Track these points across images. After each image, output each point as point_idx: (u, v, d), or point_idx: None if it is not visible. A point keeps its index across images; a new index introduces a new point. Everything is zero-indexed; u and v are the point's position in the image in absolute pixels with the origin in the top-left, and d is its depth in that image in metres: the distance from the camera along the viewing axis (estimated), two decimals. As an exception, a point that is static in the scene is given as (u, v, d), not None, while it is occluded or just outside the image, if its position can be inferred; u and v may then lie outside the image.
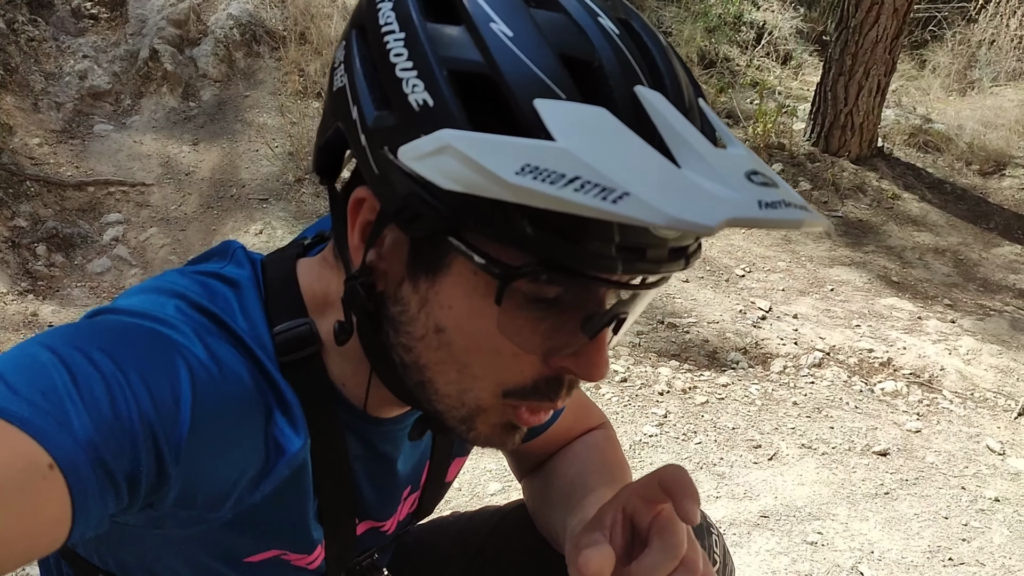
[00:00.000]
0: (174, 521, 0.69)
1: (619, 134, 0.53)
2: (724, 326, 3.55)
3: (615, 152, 0.51)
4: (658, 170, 0.51)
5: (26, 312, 3.31)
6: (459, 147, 0.53)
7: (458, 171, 0.53)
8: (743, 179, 0.52)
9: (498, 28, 0.57)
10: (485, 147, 0.53)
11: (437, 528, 1.20)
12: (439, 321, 0.64)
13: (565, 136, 0.52)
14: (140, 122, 4.62)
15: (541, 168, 0.50)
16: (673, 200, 0.49)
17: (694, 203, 0.49)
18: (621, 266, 0.57)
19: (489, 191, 0.52)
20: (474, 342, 0.63)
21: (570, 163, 0.50)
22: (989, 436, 3.01)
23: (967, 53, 6.68)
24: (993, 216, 5.15)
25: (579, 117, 0.53)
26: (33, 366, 0.58)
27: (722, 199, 0.50)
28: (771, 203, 0.51)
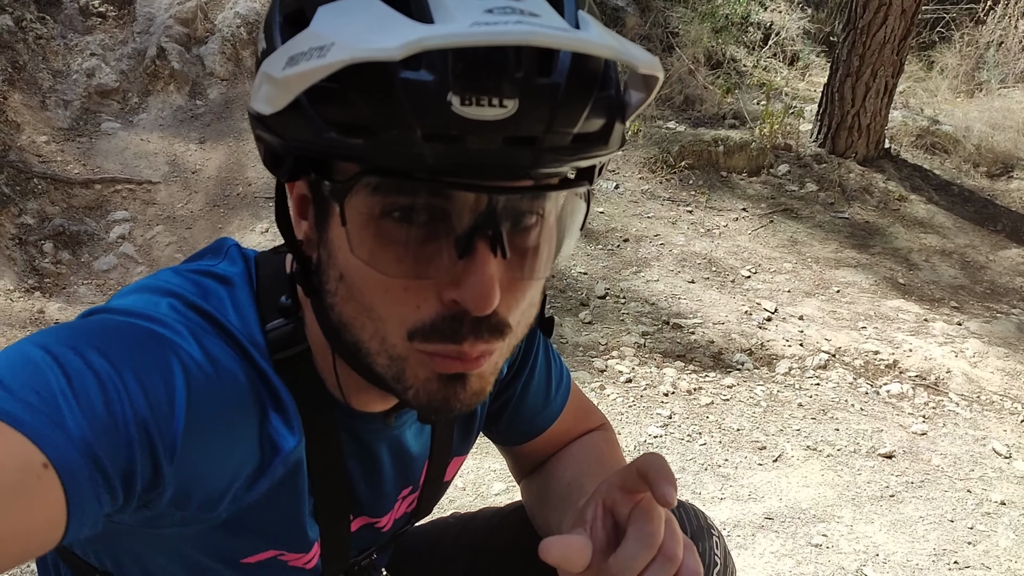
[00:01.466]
0: (170, 521, 0.69)
1: (368, 8, 0.52)
2: (729, 327, 3.55)
3: (351, 20, 0.52)
4: (379, 21, 0.51)
5: (32, 309, 3.32)
6: (265, 70, 0.57)
7: (268, 93, 0.57)
8: (476, 11, 0.50)
9: None
10: (270, 62, 0.56)
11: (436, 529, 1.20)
12: (340, 268, 0.64)
13: (322, 22, 0.53)
14: (147, 120, 4.63)
15: (296, 54, 0.53)
16: (369, 37, 0.49)
17: (387, 36, 0.48)
18: (430, 155, 0.54)
19: (278, 97, 0.55)
20: (363, 278, 0.62)
21: (311, 39, 0.52)
22: (995, 439, 3.00)
23: (975, 54, 6.65)
24: (1000, 218, 5.13)
25: (343, 7, 0.54)
26: (27, 366, 0.58)
27: (424, 29, 0.49)
28: (488, 24, 0.48)
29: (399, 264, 0.60)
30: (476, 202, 0.59)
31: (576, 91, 0.55)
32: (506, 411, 1.01)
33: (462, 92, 0.51)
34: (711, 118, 5.65)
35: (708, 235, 4.44)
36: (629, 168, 4.96)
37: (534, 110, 0.53)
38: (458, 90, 0.51)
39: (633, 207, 4.60)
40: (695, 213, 4.65)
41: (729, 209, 4.75)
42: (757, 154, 5.16)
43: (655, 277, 3.92)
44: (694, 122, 5.55)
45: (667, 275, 3.96)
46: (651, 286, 3.83)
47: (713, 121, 5.61)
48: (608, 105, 0.58)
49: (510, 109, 0.53)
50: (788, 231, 4.61)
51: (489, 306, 0.60)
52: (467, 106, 0.52)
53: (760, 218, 4.69)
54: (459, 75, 0.51)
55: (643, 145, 5.07)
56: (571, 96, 0.54)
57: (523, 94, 0.52)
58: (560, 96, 0.54)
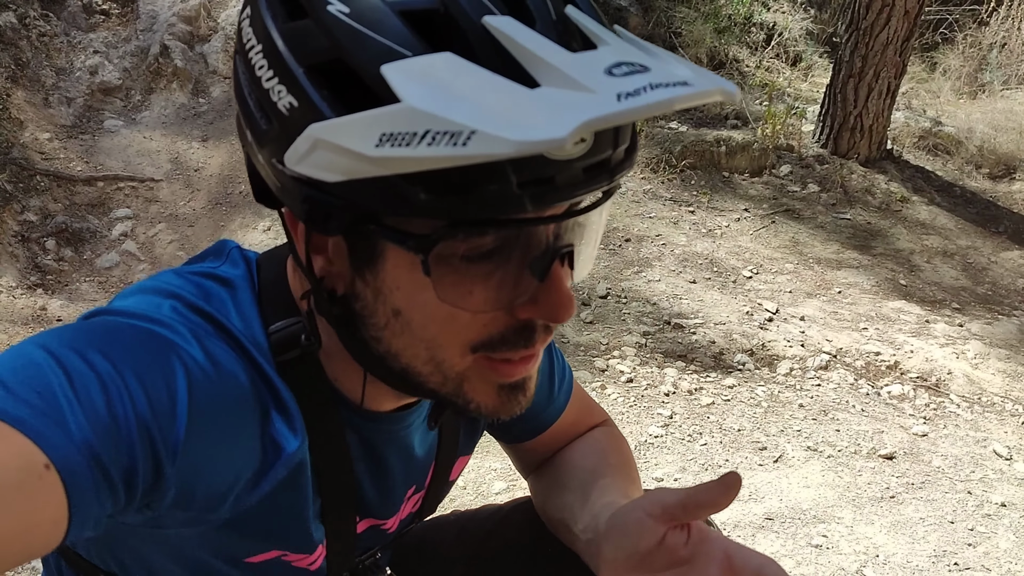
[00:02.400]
0: (172, 522, 0.69)
1: (464, 73, 0.52)
2: (731, 328, 3.55)
3: (460, 93, 0.50)
4: (507, 98, 0.50)
5: (35, 306, 3.32)
6: (325, 137, 0.54)
7: (332, 161, 0.54)
8: (602, 75, 0.50)
9: (335, 8, 0.57)
10: (345, 129, 0.53)
11: (438, 527, 1.20)
12: (394, 305, 0.64)
13: (410, 93, 0.51)
14: (150, 118, 4.64)
15: (395, 133, 0.50)
16: (520, 123, 0.47)
17: (542, 119, 0.47)
18: (529, 202, 0.55)
19: (362, 171, 0.53)
20: (429, 314, 0.63)
21: (417, 119, 0.49)
22: (996, 441, 3.00)
23: (978, 56, 6.64)
24: (1003, 220, 5.13)
25: (424, 69, 0.52)
26: (29, 367, 0.58)
27: (574, 105, 0.48)
28: (632, 92, 0.48)
29: (484, 300, 0.62)
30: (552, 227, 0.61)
31: None
32: None
33: None
34: (713, 118, 5.65)
35: (710, 235, 4.44)
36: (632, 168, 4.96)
37: (603, 136, 0.56)
38: None
39: (635, 207, 4.60)
40: (697, 213, 4.65)
41: (731, 209, 4.75)
42: (759, 155, 5.16)
43: (656, 277, 3.92)
44: (696, 122, 5.55)
45: (668, 275, 3.96)
46: (652, 286, 3.83)
47: (715, 121, 5.61)
48: None
49: (589, 142, 0.55)
50: (790, 232, 4.61)
51: (570, 316, 0.63)
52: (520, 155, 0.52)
53: (762, 219, 4.69)
54: None
55: (645, 145, 5.07)
56: None
57: None
58: None
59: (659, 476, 2.60)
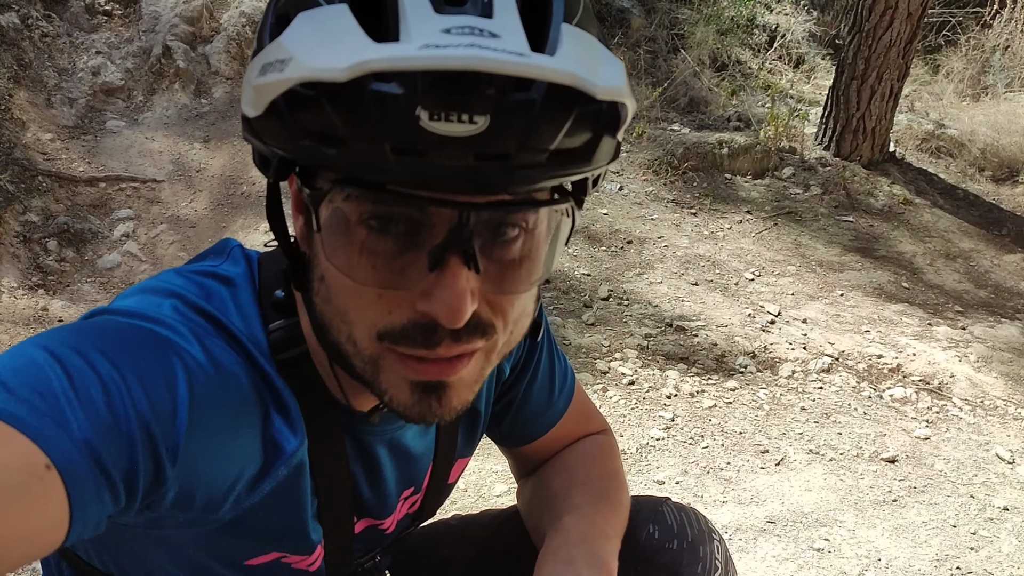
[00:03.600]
0: (173, 523, 0.69)
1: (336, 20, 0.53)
2: (733, 330, 3.54)
3: (317, 35, 0.53)
4: (340, 39, 0.52)
5: (36, 307, 3.32)
6: (247, 74, 0.59)
7: (248, 96, 0.58)
8: (434, 31, 0.50)
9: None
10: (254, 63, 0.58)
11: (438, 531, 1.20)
12: (321, 270, 0.65)
13: (288, 32, 0.55)
14: (152, 118, 4.64)
15: (267, 63, 0.55)
16: (321, 56, 0.51)
17: (339, 54, 0.50)
18: (398, 169, 0.53)
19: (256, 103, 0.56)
20: (339, 284, 0.63)
21: (279, 51, 0.54)
22: (999, 444, 2.99)
23: (981, 58, 6.64)
24: (1005, 223, 5.12)
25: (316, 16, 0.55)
26: (30, 367, 0.58)
27: (374, 49, 0.50)
28: (440, 45, 0.49)
29: (372, 272, 0.61)
30: (450, 216, 0.58)
31: (555, 107, 0.53)
32: (509, 412, 1.01)
33: (431, 107, 0.50)
34: (716, 120, 5.65)
35: (712, 238, 4.43)
36: (633, 170, 4.96)
37: (506, 127, 0.52)
38: (427, 104, 0.50)
39: (637, 209, 4.60)
40: (699, 215, 4.64)
41: (733, 212, 4.74)
42: (761, 157, 5.15)
43: (658, 279, 3.91)
44: (698, 124, 5.54)
45: (670, 277, 3.95)
46: (654, 288, 3.83)
47: (718, 123, 5.61)
48: (595, 119, 0.56)
49: (480, 125, 0.51)
50: (792, 234, 4.61)
51: (459, 321, 0.60)
52: (436, 121, 0.51)
53: (764, 221, 4.69)
54: (428, 89, 0.50)
55: (647, 147, 5.07)
56: (549, 112, 0.53)
57: (495, 110, 0.51)
58: (536, 112, 0.52)
59: (660, 479, 2.59)
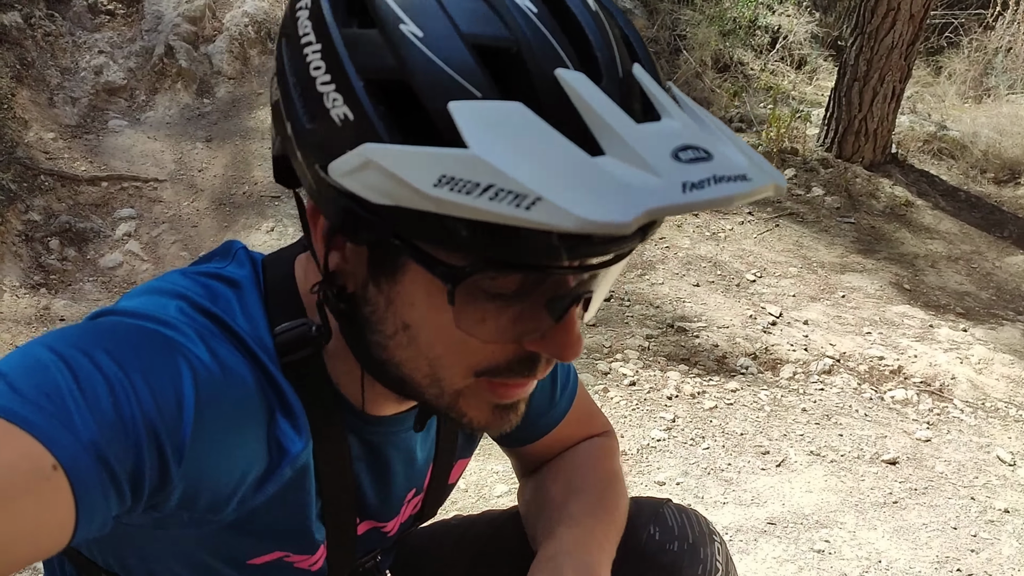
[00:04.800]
0: (177, 522, 0.69)
1: (534, 131, 0.51)
2: (734, 331, 3.54)
3: (528, 152, 0.50)
4: (573, 166, 0.50)
5: (38, 306, 3.33)
6: (380, 162, 0.53)
7: (383, 184, 0.53)
8: (668, 159, 0.50)
9: (407, 29, 0.55)
10: (403, 160, 0.52)
11: (439, 531, 1.20)
12: (405, 319, 0.64)
13: (478, 141, 0.50)
14: (154, 118, 4.64)
15: (457, 178, 0.50)
16: (584, 199, 0.47)
17: (607, 200, 0.48)
18: (566, 254, 0.56)
19: (413, 203, 0.52)
20: (439, 336, 0.64)
21: (483, 171, 0.49)
22: (1000, 446, 2.99)
23: (983, 60, 6.63)
24: (1007, 225, 5.12)
25: (493, 117, 0.52)
26: (36, 367, 0.58)
27: (638, 189, 0.48)
28: (697, 183, 0.48)
29: (498, 332, 0.63)
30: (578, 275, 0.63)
31: None
32: None
33: None
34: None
35: (713, 239, 4.43)
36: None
37: None
38: None
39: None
40: (700, 216, 4.64)
41: (735, 213, 4.74)
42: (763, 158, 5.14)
43: (660, 280, 3.91)
44: (701, 125, 5.53)
45: (672, 278, 3.95)
46: (656, 289, 3.83)
47: (720, 124, 5.60)
48: None
49: None
50: (794, 235, 4.61)
51: (576, 357, 0.65)
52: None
53: (766, 222, 4.69)
54: None
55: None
56: None
57: None
58: None
59: (661, 480, 2.59)
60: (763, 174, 0.52)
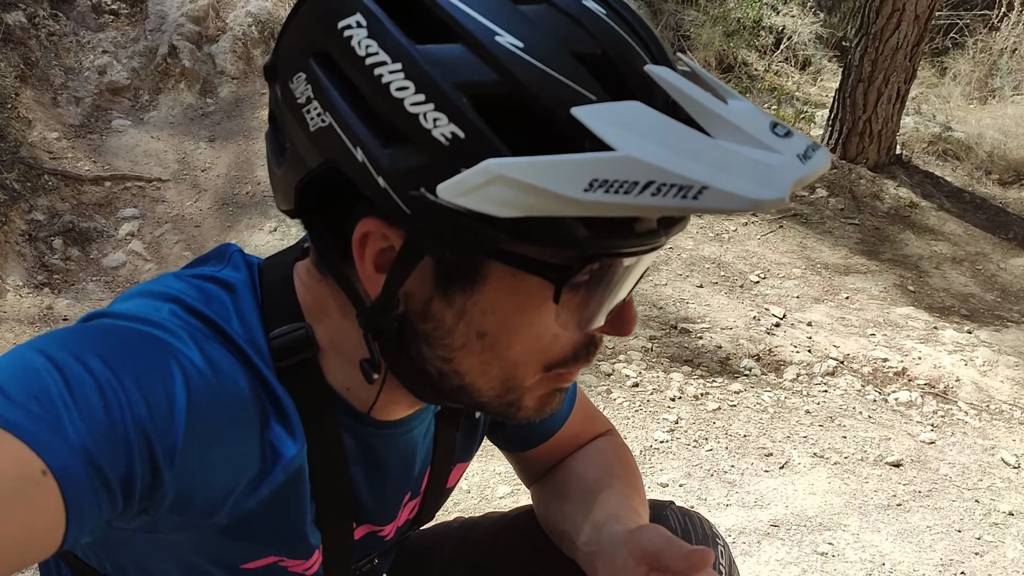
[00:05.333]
0: (169, 526, 0.69)
1: (661, 124, 0.53)
2: (737, 332, 3.53)
3: (669, 145, 0.52)
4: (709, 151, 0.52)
5: (41, 305, 3.33)
6: (512, 175, 0.52)
7: (514, 198, 0.53)
8: (772, 135, 0.53)
9: (505, 40, 0.55)
10: (541, 171, 0.52)
11: (440, 534, 1.19)
12: (481, 327, 0.65)
13: (621, 142, 0.51)
14: (158, 118, 4.64)
15: (611, 180, 0.51)
16: (743, 181, 0.50)
17: (761, 179, 0.50)
18: (664, 234, 0.61)
19: (556, 210, 0.53)
20: (520, 337, 0.65)
21: (639, 169, 0.51)
22: (1004, 449, 2.98)
23: (988, 61, 6.62)
24: (1012, 226, 5.10)
25: (620, 117, 0.53)
26: (27, 371, 0.57)
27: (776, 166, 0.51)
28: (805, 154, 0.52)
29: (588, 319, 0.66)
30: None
31: None
32: None
33: None
34: (722, 122, 5.63)
35: (717, 239, 4.42)
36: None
37: None
38: None
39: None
40: (703, 217, 4.63)
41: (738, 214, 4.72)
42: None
43: (663, 281, 3.90)
44: (704, 126, 5.53)
45: (675, 279, 3.95)
46: (659, 290, 3.82)
47: (724, 125, 5.59)
48: None
49: None
50: (797, 236, 4.60)
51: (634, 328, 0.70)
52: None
53: (769, 223, 4.68)
54: None
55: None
56: None
57: None
58: None
59: (664, 481, 2.59)
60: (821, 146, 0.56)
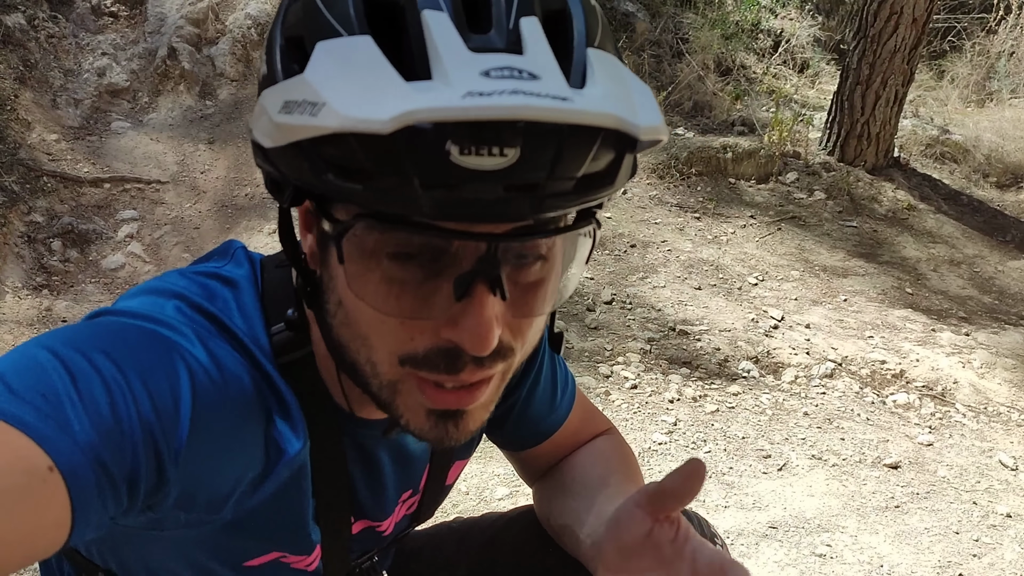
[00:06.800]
0: (174, 523, 0.69)
1: (365, 58, 0.52)
2: (736, 334, 3.54)
3: (349, 75, 0.51)
4: (377, 82, 0.50)
5: (40, 307, 3.33)
6: (263, 102, 0.57)
7: (265, 126, 0.56)
8: (474, 74, 0.49)
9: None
10: (269, 95, 0.56)
11: (439, 533, 1.20)
12: (339, 294, 0.64)
13: (313, 68, 0.53)
14: (157, 120, 4.65)
15: (293, 101, 0.53)
16: (358, 103, 0.48)
17: (377, 102, 0.48)
18: (429, 206, 0.52)
19: (275, 136, 0.55)
20: (359, 310, 0.62)
21: (306, 89, 0.52)
22: (1002, 451, 2.98)
23: (986, 64, 6.63)
24: (1010, 229, 5.11)
25: (339, 49, 0.54)
26: (33, 368, 0.58)
27: (414, 96, 0.48)
28: (485, 92, 0.47)
29: (396, 303, 0.60)
30: (476, 246, 0.58)
31: (583, 134, 0.52)
32: (511, 416, 1.00)
33: (461, 142, 0.49)
34: (720, 125, 5.64)
35: (715, 242, 4.43)
36: (637, 174, 4.96)
37: (535, 157, 0.51)
38: (457, 140, 0.49)
39: (640, 213, 4.60)
40: (702, 220, 4.64)
41: (737, 216, 4.74)
42: (765, 161, 5.15)
43: (662, 283, 3.91)
44: (703, 128, 5.54)
45: (674, 281, 3.95)
46: (658, 292, 3.83)
47: (722, 128, 5.60)
48: (617, 139, 0.54)
49: (510, 158, 0.50)
50: (796, 239, 4.60)
51: (487, 349, 0.59)
52: (466, 155, 0.49)
53: (768, 226, 4.68)
54: (458, 124, 0.49)
55: (651, 151, 5.07)
56: (577, 140, 0.52)
57: (525, 142, 0.50)
58: (564, 141, 0.51)
59: (663, 483, 2.59)
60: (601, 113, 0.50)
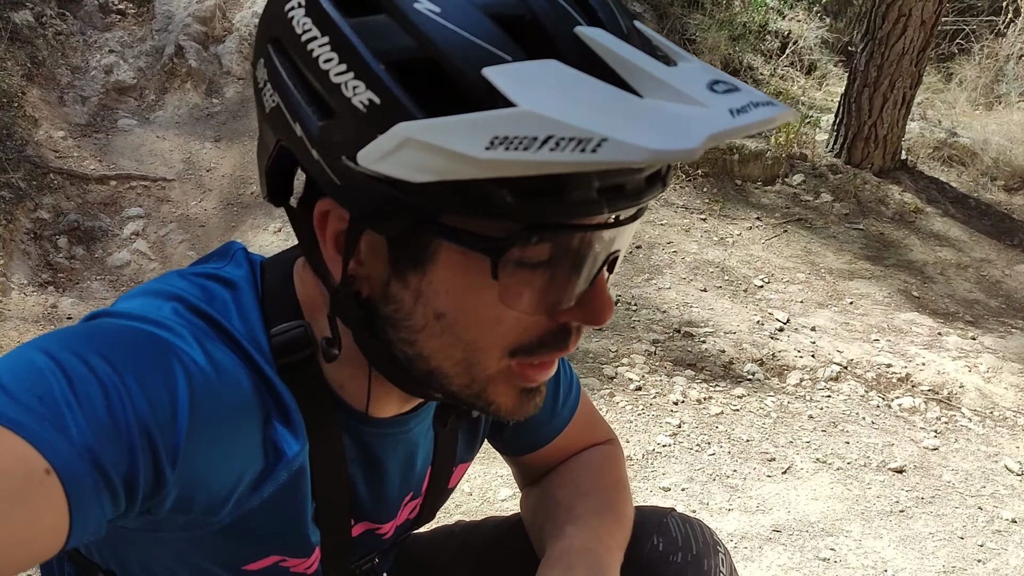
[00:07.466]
0: (172, 526, 0.69)
1: (575, 81, 0.52)
2: (741, 337, 3.53)
3: (577, 100, 0.50)
4: (624, 106, 0.50)
5: (46, 304, 3.34)
6: (419, 137, 0.53)
7: (425, 161, 0.53)
8: (707, 91, 0.52)
9: (423, 7, 0.56)
10: (446, 131, 0.52)
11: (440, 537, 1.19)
12: (437, 308, 0.64)
13: (524, 98, 0.51)
14: (163, 117, 4.65)
15: (510, 137, 0.50)
16: (649, 133, 0.48)
17: (670, 130, 0.48)
18: (606, 206, 0.56)
19: (462, 172, 0.52)
20: (476, 318, 0.64)
21: (538, 124, 0.49)
22: (1008, 456, 2.97)
23: (994, 67, 6.61)
24: (1017, 232, 5.09)
25: (532, 75, 0.52)
26: (30, 371, 0.57)
27: (695, 118, 0.49)
28: (741, 108, 0.50)
29: (537, 303, 0.63)
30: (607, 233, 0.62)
31: None
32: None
33: None
34: (727, 126, 5.63)
35: (721, 244, 4.42)
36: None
37: None
38: None
39: (646, 214, 4.59)
40: (709, 221, 4.63)
41: (743, 218, 4.73)
42: (772, 163, 5.14)
43: (667, 285, 3.90)
44: (709, 130, 5.53)
45: (679, 283, 3.94)
46: (663, 294, 3.82)
47: (729, 129, 5.59)
48: None
49: None
50: (802, 241, 4.59)
51: (609, 318, 0.65)
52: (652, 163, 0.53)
53: (774, 228, 4.67)
54: None
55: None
56: None
57: None
58: None
59: (666, 485, 2.58)
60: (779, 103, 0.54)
